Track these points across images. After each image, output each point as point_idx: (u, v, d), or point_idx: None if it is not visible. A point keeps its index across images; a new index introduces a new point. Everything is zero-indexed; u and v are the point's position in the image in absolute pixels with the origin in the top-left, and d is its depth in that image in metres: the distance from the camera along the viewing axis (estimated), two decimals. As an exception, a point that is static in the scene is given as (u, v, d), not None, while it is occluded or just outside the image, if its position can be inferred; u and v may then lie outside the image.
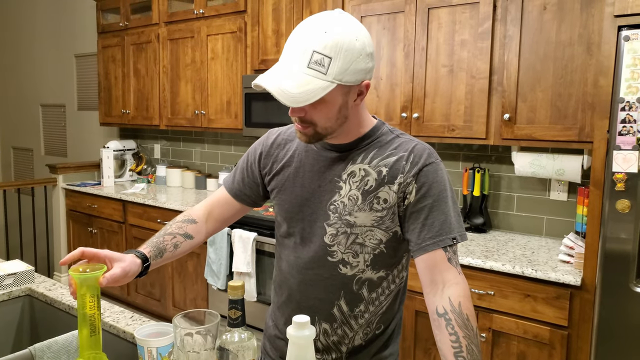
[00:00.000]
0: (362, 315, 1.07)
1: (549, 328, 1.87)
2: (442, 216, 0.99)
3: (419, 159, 1.01)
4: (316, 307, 1.08)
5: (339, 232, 1.04)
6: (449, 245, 0.98)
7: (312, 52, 0.89)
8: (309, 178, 1.08)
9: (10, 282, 1.59)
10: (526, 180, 2.45)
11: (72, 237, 4.00)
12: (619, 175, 1.60)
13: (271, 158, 1.15)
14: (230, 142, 3.70)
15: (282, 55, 0.94)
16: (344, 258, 1.05)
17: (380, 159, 1.03)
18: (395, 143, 1.05)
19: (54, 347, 1.30)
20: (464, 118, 2.27)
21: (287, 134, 1.17)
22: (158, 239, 1.13)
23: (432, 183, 1.00)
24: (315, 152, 1.09)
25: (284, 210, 1.12)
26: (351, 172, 1.04)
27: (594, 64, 1.93)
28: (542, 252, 2.13)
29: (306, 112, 0.96)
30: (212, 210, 1.22)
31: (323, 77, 0.90)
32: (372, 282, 1.06)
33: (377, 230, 1.02)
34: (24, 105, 5.40)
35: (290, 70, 0.90)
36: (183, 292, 3.20)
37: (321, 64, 0.89)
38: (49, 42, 4.94)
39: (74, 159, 4.78)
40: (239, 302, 0.84)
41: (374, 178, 1.02)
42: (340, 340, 1.09)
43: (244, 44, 3.05)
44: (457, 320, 0.94)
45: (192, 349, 0.94)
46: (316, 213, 1.06)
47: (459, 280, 0.97)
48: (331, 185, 1.05)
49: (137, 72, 3.77)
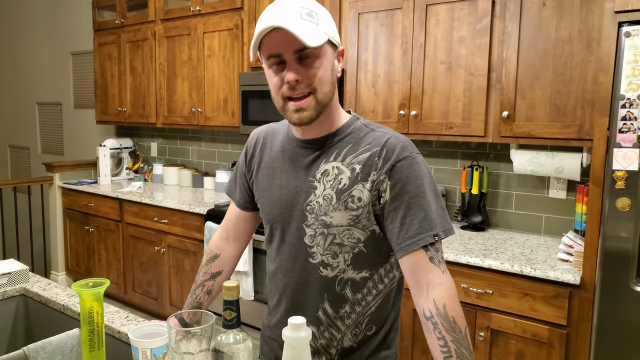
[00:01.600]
0: (349, 316, 1.05)
1: (548, 327, 1.86)
2: (422, 213, 0.94)
3: (391, 154, 0.97)
4: (302, 310, 1.07)
5: (317, 232, 1.02)
6: (430, 243, 0.94)
7: (300, 8, 0.92)
8: (285, 179, 1.07)
9: (4, 282, 1.57)
10: (525, 178, 2.43)
11: (69, 235, 3.98)
12: (619, 173, 1.59)
13: (254, 159, 1.15)
14: (227, 140, 3.68)
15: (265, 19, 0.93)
16: (323, 260, 1.03)
17: (353, 155, 1.00)
18: (370, 138, 1.01)
19: (48, 348, 1.28)
20: (462, 116, 2.25)
21: (267, 133, 1.15)
22: (193, 298, 1.19)
23: (407, 179, 0.95)
24: (290, 152, 1.07)
25: (265, 213, 1.11)
26: (324, 170, 1.02)
27: (593, 61, 1.92)
28: (541, 251, 2.11)
29: (303, 75, 0.94)
30: (229, 234, 1.25)
31: (317, 27, 0.93)
32: (355, 282, 1.04)
33: (354, 229, 1.00)
34: (20, 103, 5.37)
35: (289, 22, 0.90)
36: (180, 290, 3.19)
37: (311, 16, 0.93)
38: (45, 40, 4.91)
39: (70, 157, 4.75)
40: (234, 303, 0.82)
41: (347, 176, 0.99)
42: (329, 343, 1.07)
43: (241, 41, 3.03)
44: (444, 324, 0.91)
45: (187, 350, 0.93)
46: (294, 214, 1.05)
47: (442, 280, 0.93)
48: (306, 186, 1.03)
49: (133, 70, 3.74)
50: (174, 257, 3.19)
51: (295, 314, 1.06)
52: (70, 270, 4.03)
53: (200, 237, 2.98)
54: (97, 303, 0.87)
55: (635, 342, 1.63)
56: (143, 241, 3.37)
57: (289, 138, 1.09)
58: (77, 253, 3.95)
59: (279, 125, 1.16)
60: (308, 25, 0.91)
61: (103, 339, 0.90)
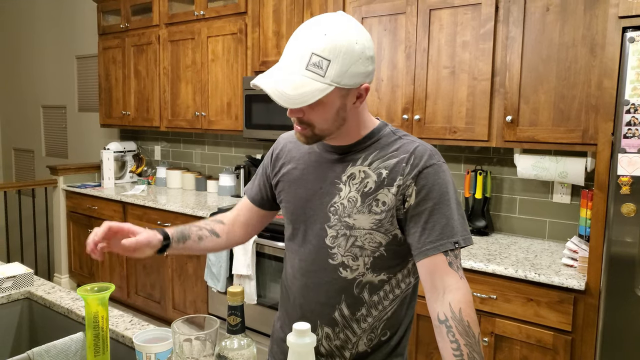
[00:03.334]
0: (365, 320, 1.06)
1: (552, 333, 1.85)
2: (444, 219, 0.97)
3: (419, 160, 0.99)
4: (318, 311, 1.08)
5: (339, 234, 1.03)
6: (450, 249, 0.96)
7: (311, 55, 0.89)
8: (311, 180, 1.09)
9: (9, 285, 1.57)
10: (528, 182, 2.43)
11: (72, 238, 3.99)
12: (624, 179, 1.59)
13: (280, 161, 1.17)
14: (231, 143, 3.69)
15: (282, 57, 0.95)
16: (343, 261, 1.04)
17: (380, 160, 1.02)
18: (397, 145, 1.04)
19: (52, 351, 1.29)
20: (466, 120, 2.25)
21: (293, 137, 1.19)
22: (184, 227, 1.18)
23: (432, 185, 0.98)
24: (317, 154, 1.10)
25: (289, 212, 1.13)
26: (351, 174, 1.04)
27: (597, 66, 1.91)
28: (545, 256, 2.11)
29: (304, 113, 0.96)
30: (239, 215, 1.26)
31: (321, 79, 0.90)
32: (373, 285, 1.05)
33: (376, 233, 1.01)
34: (25, 107, 5.40)
35: (288, 72, 0.91)
36: (183, 294, 3.19)
37: (319, 66, 0.89)
38: (50, 44, 4.94)
39: (74, 161, 4.77)
40: (239, 309, 0.82)
41: (373, 180, 1.01)
42: (343, 345, 1.07)
43: (245, 45, 3.04)
44: (458, 328, 0.92)
45: (191, 355, 0.93)
46: (318, 215, 1.06)
47: (460, 285, 0.95)
48: (331, 187, 1.05)
49: (137, 74, 3.76)
50: (177, 261, 3.19)
51: (310, 314, 1.08)
52: (74, 273, 4.04)
53: (204, 240, 2.97)
54: (102, 307, 0.88)
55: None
56: (146, 244, 3.37)
57: None
58: (80, 256, 3.95)
59: None
60: (305, 82, 0.90)
61: (108, 343, 0.90)
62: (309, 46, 0.90)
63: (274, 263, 2.64)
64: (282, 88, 0.90)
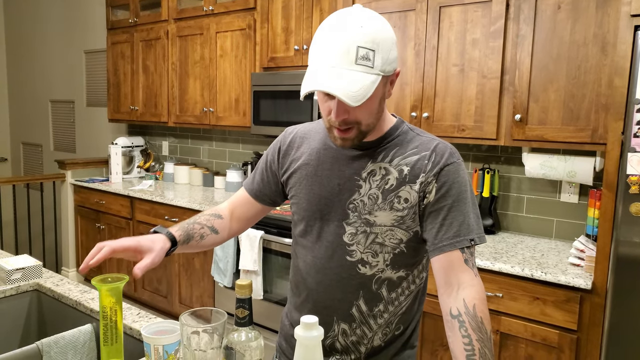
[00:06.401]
0: (382, 315, 1.06)
1: (558, 331, 1.85)
2: (461, 217, 0.97)
3: (440, 157, 1.00)
4: (334, 307, 1.07)
5: (359, 231, 1.03)
6: (466, 246, 0.96)
7: (357, 48, 0.88)
8: (327, 177, 1.07)
9: (18, 277, 1.59)
10: (536, 181, 2.42)
11: (80, 232, 4.02)
12: (633, 178, 1.57)
13: (289, 157, 1.15)
14: (238, 140, 3.70)
15: (319, 58, 0.91)
16: (363, 257, 1.03)
17: (401, 157, 1.02)
18: (417, 141, 1.04)
19: (61, 343, 1.30)
20: (475, 118, 2.24)
21: (303, 132, 1.16)
22: (189, 225, 1.14)
23: (452, 183, 0.98)
24: (334, 150, 1.07)
25: (302, 209, 1.11)
26: (371, 170, 1.03)
27: (608, 65, 1.90)
28: (551, 255, 2.10)
29: (350, 112, 0.94)
30: (235, 209, 1.24)
31: (371, 70, 0.90)
32: (392, 281, 1.05)
33: (397, 229, 1.01)
34: (33, 101, 5.44)
35: (342, 69, 0.88)
36: (189, 289, 3.21)
37: (367, 58, 0.89)
38: (59, 38, 4.97)
39: (82, 155, 4.80)
40: (247, 301, 0.83)
41: (394, 177, 1.01)
42: (359, 340, 1.07)
43: (253, 41, 3.05)
44: (471, 323, 0.92)
45: (199, 348, 0.93)
46: (335, 212, 1.05)
47: (474, 282, 0.96)
48: (350, 184, 1.04)
49: (146, 69, 3.78)
50: (184, 256, 3.21)
51: (326, 311, 1.07)
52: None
53: (210, 235, 2.99)
54: (111, 298, 0.88)
55: (647, 349, 1.62)
56: (153, 239, 3.39)
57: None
58: (88, 250, 3.99)
59: (315, 125, 1.17)
60: (360, 77, 0.89)
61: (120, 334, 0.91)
62: (352, 40, 0.88)
63: (281, 259, 2.65)
64: (345, 87, 0.87)
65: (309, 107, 2.62)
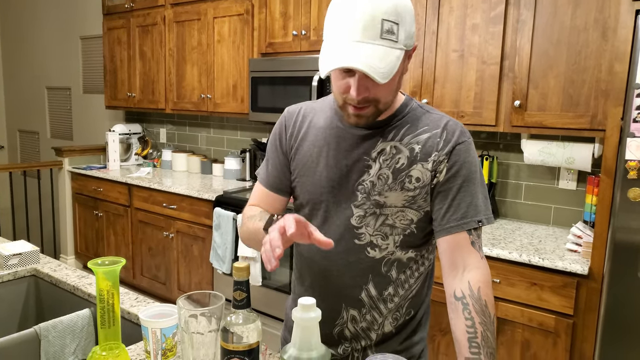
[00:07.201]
0: (392, 299, 1.03)
1: (555, 316, 1.86)
2: (469, 198, 0.96)
3: (451, 136, 0.97)
4: (343, 293, 1.03)
5: (367, 213, 0.99)
6: (473, 228, 0.95)
7: (382, 21, 0.83)
8: (333, 157, 1.02)
9: (15, 262, 1.59)
10: (535, 168, 2.41)
11: (78, 220, 4.02)
12: (632, 163, 1.57)
13: (293, 136, 1.09)
14: (237, 127, 3.68)
15: (339, 32, 0.85)
16: (372, 240, 1.00)
17: (412, 136, 0.98)
18: (427, 119, 1.00)
19: (59, 327, 1.30)
20: (474, 104, 2.23)
21: (307, 110, 1.10)
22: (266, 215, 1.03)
23: (463, 162, 0.96)
24: (340, 130, 1.02)
25: (306, 192, 1.06)
26: (382, 150, 0.98)
27: (609, 50, 1.88)
28: (549, 241, 2.10)
29: (370, 90, 0.90)
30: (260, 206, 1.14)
31: (395, 45, 0.85)
32: (401, 262, 1.02)
33: (408, 210, 0.98)
34: (29, 88, 5.39)
35: (365, 45, 0.83)
36: (188, 275, 3.21)
37: (392, 32, 0.84)
38: (54, 24, 4.91)
39: (79, 143, 4.78)
40: (244, 284, 0.83)
41: (405, 156, 0.97)
42: (369, 326, 1.05)
43: (251, 26, 3.01)
44: (475, 306, 0.92)
45: (197, 331, 0.94)
46: (342, 194, 1.01)
47: (480, 265, 0.95)
48: (359, 164, 0.99)
49: (142, 55, 3.74)
50: (182, 243, 3.21)
51: (333, 297, 1.04)
52: (80, 254, 4.08)
53: (209, 223, 2.99)
54: (108, 282, 0.88)
55: (643, 333, 1.63)
56: (152, 226, 3.39)
57: (339, 115, 1.03)
58: (86, 237, 3.99)
59: (320, 103, 1.11)
60: (386, 52, 0.84)
61: (117, 317, 0.91)
62: (376, 12, 0.82)
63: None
64: (372, 63, 0.82)
65: (308, 92, 2.60)
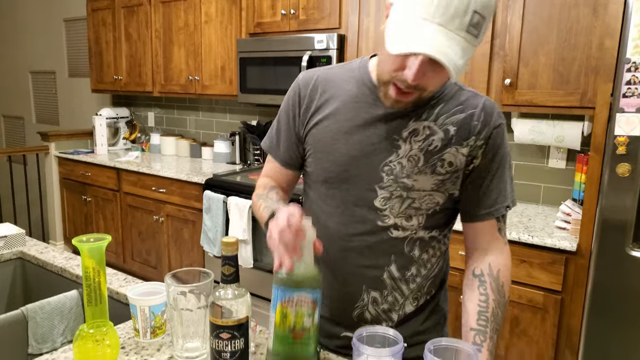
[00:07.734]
0: (414, 279, 0.99)
1: (543, 293, 1.88)
2: (501, 184, 0.95)
3: (489, 118, 0.92)
4: (363, 275, 0.98)
5: (393, 195, 0.93)
6: (502, 215, 0.96)
7: (473, 13, 0.75)
8: (358, 134, 0.93)
9: (1, 245, 1.56)
10: (524, 148, 2.42)
11: (66, 205, 3.97)
12: (621, 139, 1.57)
13: (313, 104, 0.99)
14: (226, 109, 3.64)
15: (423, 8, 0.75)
16: (396, 222, 0.95)
17: (446, 115, 0.91)
18: (461, 97, 0.93)
19: (46, 308, 1.29)
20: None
21: (326, 76, 1.00)
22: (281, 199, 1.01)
23: (498, 149, 0.93)
24: (369, 105, 0.93)
25: (323, 170, 0.98)
26: (414, 129, 0.91)
27: (599, 26, 1.88)
28: (538, 219, 2.12)
29: (426, 77, 0.81)
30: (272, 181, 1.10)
31: (475, 41, 0.77)
32: (424, 241, 0.97)
33: (436, 193, 0.93)
34: (12, 73, 5.27)
35: (450, 35, 0.75)
36: (179, 259, 3.20)
37: (478, 26, 0.76)
38: (37, 6, 4.78)
39: (66, 127, 4.70)
40: (233, 259, 0.82)
41: (439, 138, 0.91)
42: (391, 307, 1.00)
43: (239, 6, 2.96)
44: (492, 284, 0.93)
45: (185, 307, 0.93)
46: (366, 174, 0.94)
47: (503, 250, 0.97)
48: (387, 144, 0.92)
49: (128, 37, 3.66)
50: (172, 226, 3.19)
51: (352, 280, 0.98)
52: (68, 239, 4.04)
53: (199, 206, 2.97)
54: (92, 260, 0.86)
55: (627, 304, 1.65)
56: (141, 211, 3.36)
57: (368, 88, 0.95)
58: (74, 223, 3.95)
59: (339, 69, 1.01)
60: (466, 47, 0.76)
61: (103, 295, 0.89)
62: (472, 3, 0.74)
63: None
64: (454, 57, 0.74)
65: (297, 72, 2.57)
